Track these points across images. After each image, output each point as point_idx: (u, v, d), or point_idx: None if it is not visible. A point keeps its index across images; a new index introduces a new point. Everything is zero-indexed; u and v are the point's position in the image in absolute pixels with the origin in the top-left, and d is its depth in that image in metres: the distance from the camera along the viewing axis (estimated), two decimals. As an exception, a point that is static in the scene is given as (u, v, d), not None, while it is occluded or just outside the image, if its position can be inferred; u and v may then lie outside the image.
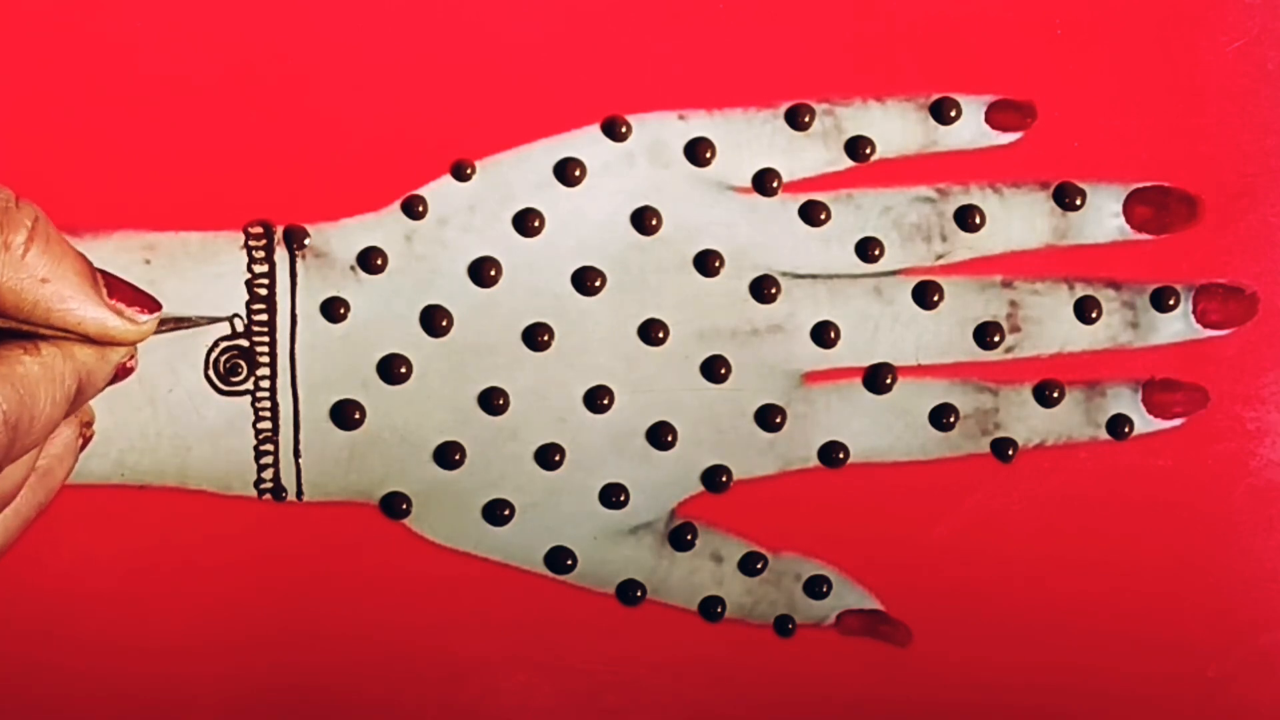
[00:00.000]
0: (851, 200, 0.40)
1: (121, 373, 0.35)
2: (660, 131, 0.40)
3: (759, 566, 0.40)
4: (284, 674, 0.39)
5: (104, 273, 0.33)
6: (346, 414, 0.39)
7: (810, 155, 0.40)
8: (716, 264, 0.40)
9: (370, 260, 0.39)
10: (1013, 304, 0.40)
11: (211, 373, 0.38)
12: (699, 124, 0.40)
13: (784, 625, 0.40)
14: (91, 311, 0.32)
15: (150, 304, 0.34)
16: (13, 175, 0.38)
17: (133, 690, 0.39)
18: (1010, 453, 0.40)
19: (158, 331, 0.36)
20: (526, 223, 0.39)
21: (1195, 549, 0.41)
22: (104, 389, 0.34)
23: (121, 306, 0.33)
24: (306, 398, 0.39)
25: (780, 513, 0.40)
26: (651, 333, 0.40)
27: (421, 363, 0.39)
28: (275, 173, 0.39)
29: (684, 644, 0.40)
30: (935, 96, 0.40)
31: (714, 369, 0.40)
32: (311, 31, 0.39)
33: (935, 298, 0.40)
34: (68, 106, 0.38)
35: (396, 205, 0.39)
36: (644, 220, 0.40)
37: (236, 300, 0.38)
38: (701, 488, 0.40)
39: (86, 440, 0.37)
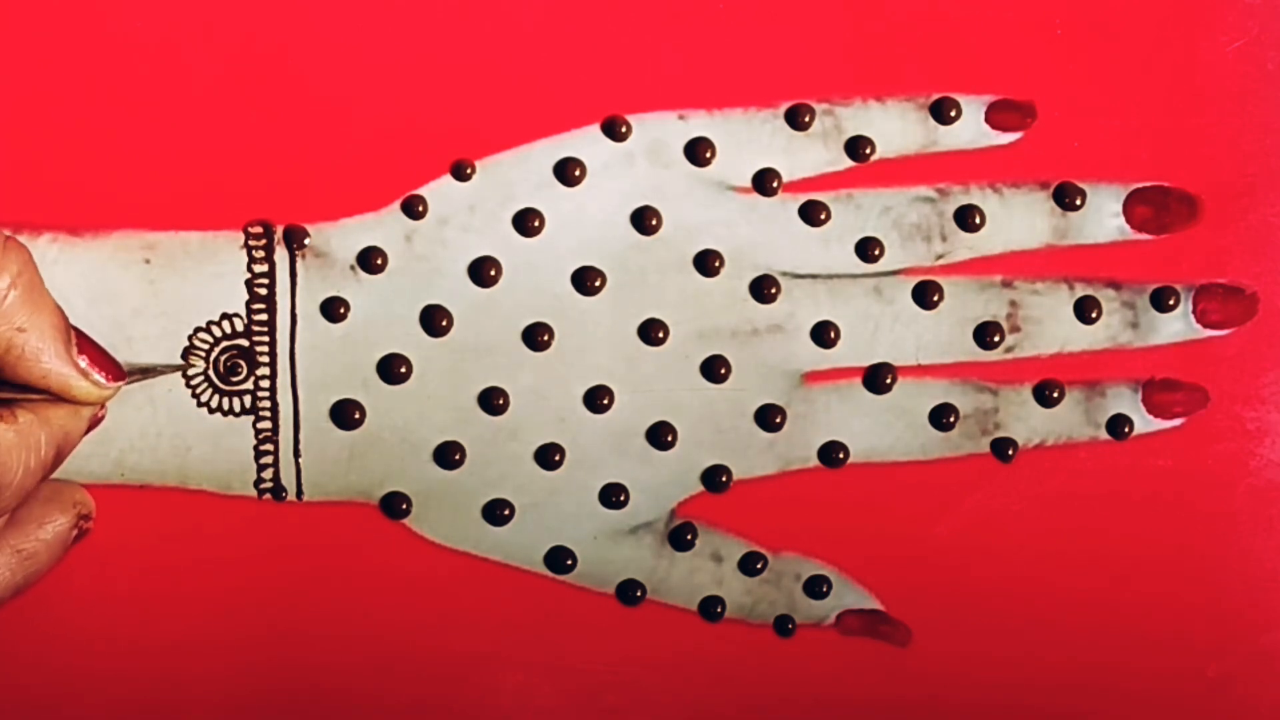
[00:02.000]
0: (851, 200, 0.40)
1: (93, 424, 0.35)
2: (660, 131, 0.40)
3: (759, 566, 0.40)
4: (284, 673, 0.39)
5: (77, 331, 0.33)
6: (346, 414, 0.39)
7: (810, 155, 0.40)
8: (716, 264, 0.40)
9: (370, 260, 0.39)
10: (1013, 304, 0.40)
11: (211, 372, 0.38)
12: (699, 124, 0.40)
13: (784, 625, 0.40)
14: (59, 367, 0.33)
15: (115, 372, 0.35)
16: (13, 175, 0.38)
17: (133, 689, 0.39)
18: (1010, 453, 0.40)
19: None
20: (526, 223, 0.39)
21: (1195, 549, 0.41)
22: (80, 441, 0.35)
23: (89, 369, 0.33)
24: (306, 398, 0.39)
25: (780, 513, 0.40)
26: (651, 333, 0.40)
27: (421, 363, 0.39)
28: (275, 173, 0.39)
29: (684, 644, 0.40)
30: (935, 96, 0.40)
31: (714, 369, 0.40)
32: (311, 31, 0.39)
33: (935, 298, 0.40)
34: (68, 106, 0.38)
35: (396, 205, 0.39)
36: (644, 220, 0.40)
37: (236, 300, 0.38)
38: (701, 488, 0.40)
39: (83, 533, 0.37)
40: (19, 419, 0.32)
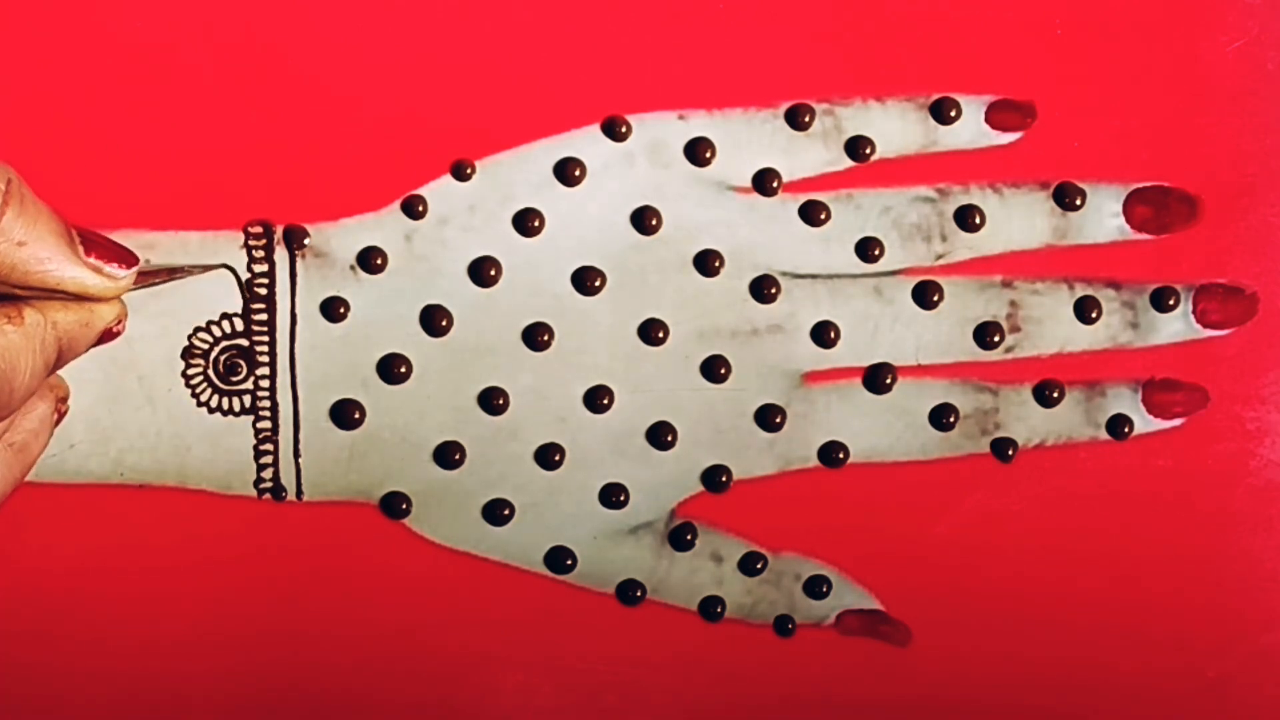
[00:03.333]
0: (851, 200, 0.40)
1: (107, 336, 0.35)
2: (660, 131, 0.40)
3: (759, 566, 0.40)
4: (284, 673, 0.39)
5: (81, 230, 0.33)
6: (346, 414, 0.39)
7: (810, 155, 0.40)
8: (716, 264, 0.40)
9: (370, 260, 0.39)
10: (1013, 304, 0.40)
11: (211, 371, 0.38)
12: (699, 124, 0.40)
13: (784, 625, 0.40)
14: (70, 271, 0.32)
15: (128, 258, 0.34)
16: (13, 175, 0.38)
17: (132, 689, 0.39)
18: (1010, 453, 0.40)
19: (151, 284, 0.36)
20: (526, 223, 0.39)
21: (1195, 549, 0.41)
22: (87, 351, 0.34)
23: (100, 264, 0.33)
24: (306, 397, 0.39)
25: (780, 513, 0.40)
26: (651, 333, 0.40)
27: (421, 363, 0.39)
28: (275, 173, 0.39)
29: (684, 644, 0.40)
30: (935, 96, 0.40)
31: (714, 369, 0.40)
32: (312, 31, 0.39)
33: (935, 298, 0.40)
34: (68, 106, 0.38)
35: (396, 205, 0.39)
36: (644, 220, 0.40)
37: (236, 300, 0.38)
38: (701, 488, 0.40)
39: (61, 415, 0.37)
40: (26, 319, 0.32)
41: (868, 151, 0.40)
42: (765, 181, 0.40)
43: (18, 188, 0.31)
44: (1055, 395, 0.40)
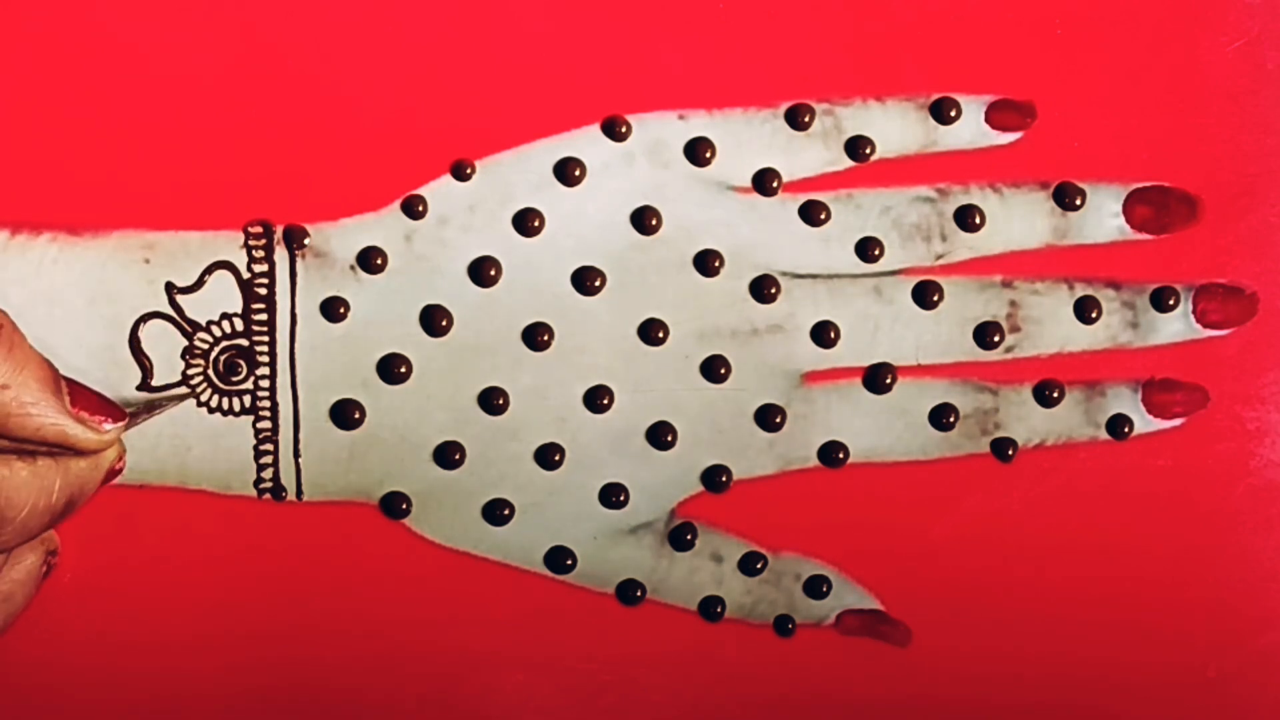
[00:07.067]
0: (851, 200, 0.40)
1: (111, 475, 0.35)
2: (660, 131, 0.40)
3: (759, 566, 0.40)
4: (283, 673, 0.39)
5: (70, 381, 0.33)
6: (346, 414, 0.39)
7: (810, 155, 0.40)
8: (716, 264, 0.40)
9: (370, 260, 0.39)
10: (1013, 304, 0.40)
11: (211, 372, 0.38)
12: (699, 124, 0.40)
13: (784, 625, 0.40)
14: (51, 418, 0.32)
15: (114, 414, 0.34)
16: (13, 175, 0.38)
17: (132, 689, 0.39)
18: (1010, 453, 0.40)
19: (133, 424, 0.36)
20: (526, 223, 0.39)
21: (1195, 549, 0.41)
22: (94, 494, 0.35)
23: (84, 415, 0.33)
24: (306, 397, 0.39)
25: (780, 513, 0.40)
26: (651, 333, 0.40)
27: (421, 363, 0.39)
28: (275, 173, 0.39)
29: (684, 644, 0.40)
30: (935, 96, 0.40)
31: (714, 369, 0.40)
32: (311, 31, 0.39)
33: (935, 298, 0.40)
34: (68, 106, 0.38)
35: (396, 205, 0.39)
36: (644, 220, 0.40)
37: (236, 300, 0.38)
38: (701, 488, 0.40)
39: (50, 569, 0.37)
40: (37, 461, 0.32)
41: (868, 151, 0.40)
42: (765, 181, 0.40)
43: (9, 333, 0.32)
44: (1055, 395, 0.40)
